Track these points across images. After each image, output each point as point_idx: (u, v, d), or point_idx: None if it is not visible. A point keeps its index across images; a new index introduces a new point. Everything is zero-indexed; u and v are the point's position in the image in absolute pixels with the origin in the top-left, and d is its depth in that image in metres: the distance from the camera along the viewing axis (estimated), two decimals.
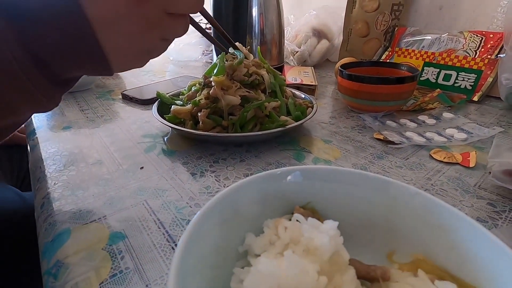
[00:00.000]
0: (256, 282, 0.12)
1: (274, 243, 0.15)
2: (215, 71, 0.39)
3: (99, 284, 0.19)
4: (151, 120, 0.45)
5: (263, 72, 0.41)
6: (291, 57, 0.80)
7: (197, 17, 0.99)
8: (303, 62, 0.80)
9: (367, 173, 0.17)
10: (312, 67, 0.71)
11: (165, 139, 0.39)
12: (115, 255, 0.21)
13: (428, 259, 0.15)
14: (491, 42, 0.54)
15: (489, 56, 0.53)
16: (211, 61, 0.86)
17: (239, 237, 0.17)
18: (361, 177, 0.17)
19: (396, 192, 0.16)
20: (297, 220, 0.15)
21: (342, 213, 0.18)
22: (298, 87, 0.56)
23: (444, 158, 0.33)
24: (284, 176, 0.17)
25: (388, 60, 0.67)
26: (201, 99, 0.38)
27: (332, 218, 0.16)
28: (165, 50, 0.29)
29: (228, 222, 0.16)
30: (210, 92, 0.37)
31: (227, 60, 0.41)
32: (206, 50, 0.86)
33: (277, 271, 0.12)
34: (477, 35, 0.56)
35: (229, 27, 0.61)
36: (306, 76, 0.61)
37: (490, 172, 0.27)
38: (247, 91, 0.39)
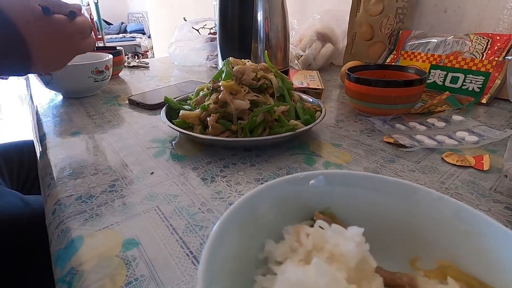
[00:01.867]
0: None
1: (296, 250, 0.15)
2: (223, 76, 0.39)
3: None
4: (159, 125, 0.45)
5: (271, 76, 0.41)
6: (296, 61, 0.80)
7: (202, 22, 1.00)
8: (307, 66, 0.80)
9: (387, 178, 0.17)
10: (317, 71, 0.71)
11: (174, 144, 0.39)
12: (130, 262, 0.21)
13: (454, 266, 0.15)
14: (498, 44, 0.54)
15: (496, 58, 0.53)
16: (215, 65, 0.86)
17: (258, 243, 0.16)
18: (381, 182, 0.17)
19: (419, 196, 0.16)
20: (319, 227, 0.15)
21: (361, 219, 0.18)
22: (304, 91, 0.56)
23: (456, 161, 0.33)
24: (306, 180, 0.17)
25: (393, 63, 0.67)
26: (210, 103, 0.38)
27: (351, 224, 0.16)
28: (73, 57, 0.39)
29: (247, 228, 0.16)
30: (219, 96, 0.37)
31: (232, 65, 0.41)
32: (211, 55, 0.87)
33: (306, 279, 0.11)
34: (483, 38, 0.56)
35: (235, 32, 0.61)
36: (312, 80, 0.61)
37: (506, 176, 0.27)
38: (255, 95, 0.38)
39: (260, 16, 0.61)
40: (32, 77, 0.77)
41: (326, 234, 0.14)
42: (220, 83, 0.38)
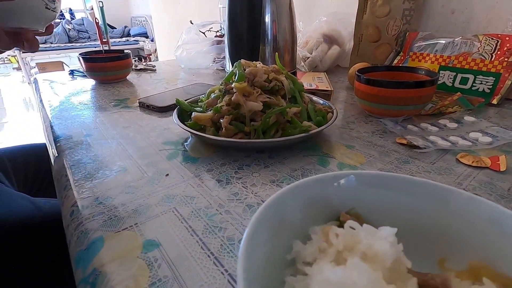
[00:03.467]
0: None
1: (325, 250, 0.15)
2: (235, 78, 0.39)
3: None
4: (170, 127, 0.45)
5: (283, 78, 0.41)
6: (302, 63, 0.80)
7: (208, 25, 1.00)
8: (314, 68, 0.80)
9: (414, 178, 0.17)
10: (325, 73, 0.71)
11: (187, 146, 0.39)
12: (152, 263, 0.21)
13: (489, 266, 0.14)
14: (508, 45, 0.54)
15: (506, 59, 0.53)
16: (222, 68, 0.86)
17: (285, 244, 0.16)
18: (409, 182, 0.17)
19: (449, 198, 0.16)
20: (350, 227, 0.15)
21: (387, 219, 0.17)
22: (313, 92, 0.56)
23: (472, 162, 0.33)
24: (336, 180, 0.17)
25: (400, 65, 0.67)
26: (223, 105, 0.38)
27: (376, 224, 0.16)
28: None
29: (276, 229, 0.16)
30: (232, 98, 0.37)
31: (244, 67, 0.41)
32: (217, 58, 0.87)
33: (345, 279, 0.11)
34: (492, 38, 0.56)
35: (243, 35, 0.61)
36: (320, 81, 0.61)
37: None
38: (268, 97, 0.39)
39: (267, 19, 0.61)
40: (41, 82, 0.78)
41: (357, 234, 0.14)
42: (232, 85, 0.38)
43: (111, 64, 0.71)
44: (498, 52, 0.55)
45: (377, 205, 0.18)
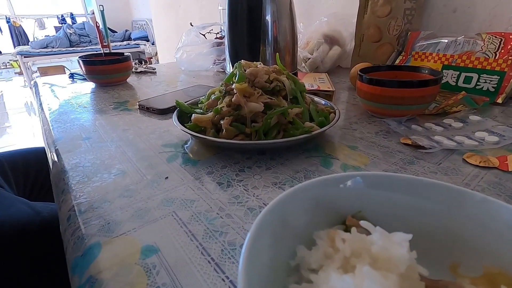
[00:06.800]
0: None
1: (332, 256, 0.14)
2: (236, 79, 0.39)
3: None
4: (170, 129, 0.45)
5: (284, 78, 0.41)
6: (303, 64, 0.79)
7: (208, 27, 1.00)
8: (315, 69, 0.79)
9: (423, 179, 0.16)
10: (326, 73, 0.70)
11: (187, 149, 0.38)
12: (150, 270, 0.20)
13: (505, 272, 0.14)
14: (511, 43, 0.53)
15: (510, 57, 0.52)
16: (222, 70, 0.86)
17: (288, 249, 0.16)
18: (418, 184, 0.16)
19: (460, 199, 0.15)
20: (361, 229, 0.14)
21: (395, 223, 0.17)
22: (315, 93, 0.55)
23: (479, 162, 0.32)
24: (341, 181, 0.16)
25: (403, 64, 0.67)
26: (223, 106, 0.37)
27: (385, 229, 0.15)
28: None
29: (278, 234, 0.15)
30: (233, 99, 0.36)
31: (244, 68, 0.40)
32: (218, 60, 0.87)
33: None
34: (496, 37, 0.55)
35: (244, 36, 0.61)
36: (322, 82, 0.60)
37: None
38: (269, 98, 0.38)
39: (268, 20, 0.61)
40: (41, 85, 0.78)
41: (366, 238, 0.13)
42: (233, 86, 0.38)
43: (111, 67, 0.71)
44: (502, 51, 0.54)
45: (384, 208, 0.17)
